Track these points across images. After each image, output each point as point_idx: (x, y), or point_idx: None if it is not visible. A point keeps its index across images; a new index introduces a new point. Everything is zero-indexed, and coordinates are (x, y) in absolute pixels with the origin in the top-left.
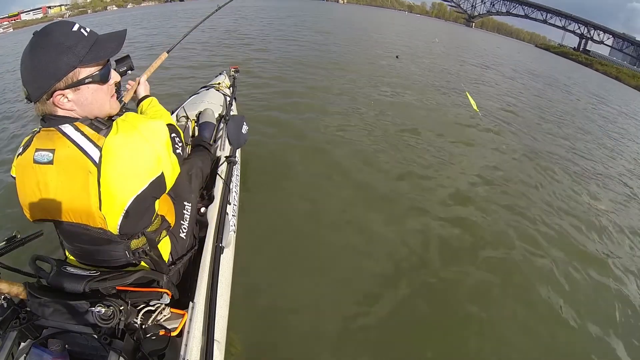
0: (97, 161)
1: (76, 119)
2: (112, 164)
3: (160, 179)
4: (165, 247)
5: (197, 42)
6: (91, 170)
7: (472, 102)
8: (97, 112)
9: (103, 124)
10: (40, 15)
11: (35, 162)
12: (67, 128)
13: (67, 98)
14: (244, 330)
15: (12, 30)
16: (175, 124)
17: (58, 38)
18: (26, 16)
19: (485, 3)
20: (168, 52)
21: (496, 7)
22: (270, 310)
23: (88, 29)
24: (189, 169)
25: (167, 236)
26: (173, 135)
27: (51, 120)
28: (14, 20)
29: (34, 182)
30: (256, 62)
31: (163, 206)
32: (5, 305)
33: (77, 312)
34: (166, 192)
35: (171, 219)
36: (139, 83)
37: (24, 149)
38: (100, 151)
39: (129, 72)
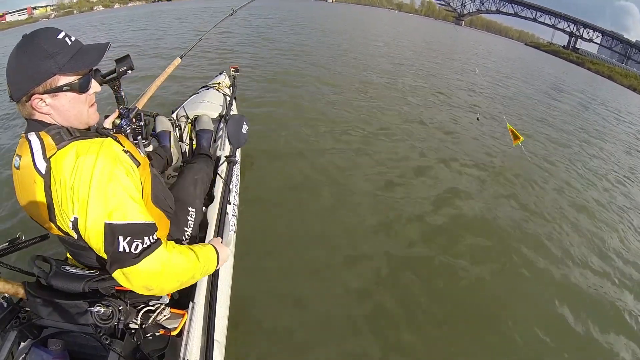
0: (43, 172)
1: (47, 126)
2: (59, 176)
3: (74, 222)
4: None
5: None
6: (36, 181)
7: (516, 133)
8: (74, 120)
9: (70, 134)
10: (25, 16)
11: (14, 165)
12: (32, 137)
13: (45, 102)
14: (244, 330)
15: None
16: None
17: (42, 44)
18: (11, 17)
19: (474, 1)
20: (181, 58)
21: (486, 6)
22: (271, 310)
23: (73, 38)
24: (195, 173)
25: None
26: (145, 237)
27: (30, 125)
28: None
29: (15, 184)
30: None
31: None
32: (4, 304)
33: (76, 311)
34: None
35: (160, 234)
36: (147, 97)
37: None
38: (49, 162)
39: (129, 71)
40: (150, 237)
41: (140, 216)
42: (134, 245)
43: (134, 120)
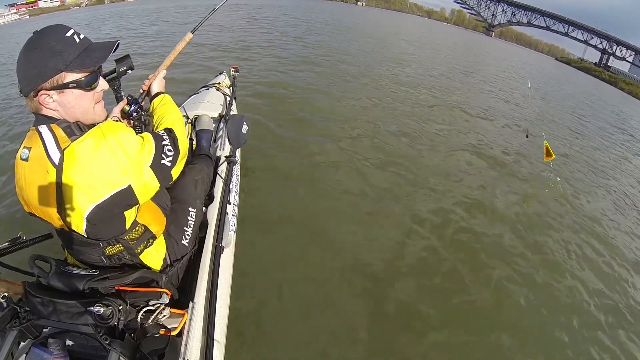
0: (57, 163)
1: (56, 120)
2: (73, 169)
3: (127, 191)
4: (155, 255)
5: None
6: (49, 171)
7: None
8: (80, 117)
9: (80, 129)
10: (57, 3)
11: (20, 158)
12: (43, 128)
13: (52, 98)
14: (244, 329)
15: (28, 17)
16: (175, 129)
17: (50, 41)
18: (43, 3)
19: (506, 12)
20: (193, 32)
21: (517, 17)
22: (270, 310)
23: (82, 36)
24: (196, 174)
25: (155, 244)
26: (164, 143)
27: (38, 119)
28: (31, 7)
29: (19, 177)
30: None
31: (146, 215)
32: (4, 304)
33: (76, 311)
34: (139, 204)
35: (157, 229)
36: (155, 77)
37: (20, 145)
38: (62, 154)
39: (129, 71)
40: (168, 148)
41: (152, 141)
42: (167, 159)
43: (142, 103)
